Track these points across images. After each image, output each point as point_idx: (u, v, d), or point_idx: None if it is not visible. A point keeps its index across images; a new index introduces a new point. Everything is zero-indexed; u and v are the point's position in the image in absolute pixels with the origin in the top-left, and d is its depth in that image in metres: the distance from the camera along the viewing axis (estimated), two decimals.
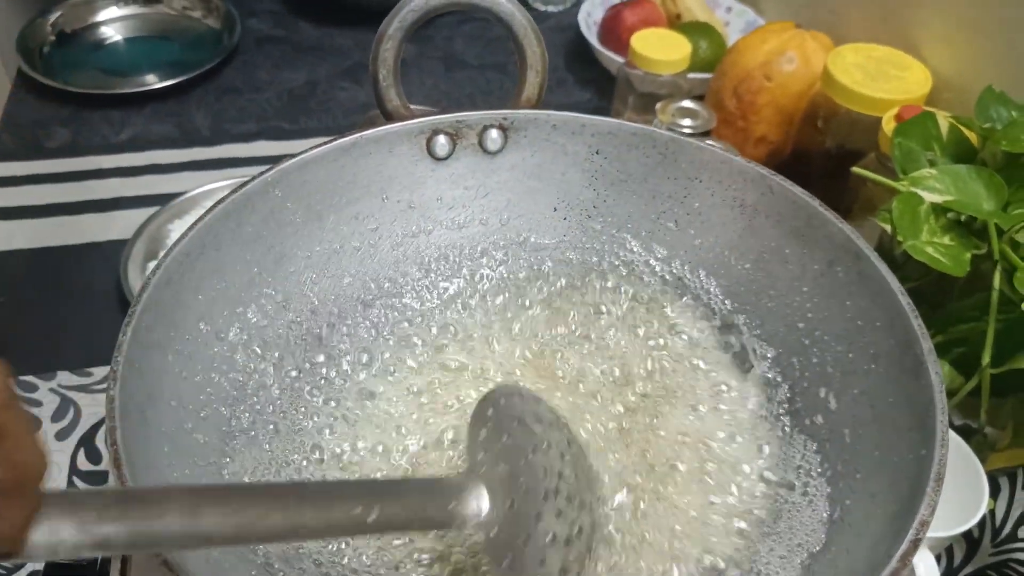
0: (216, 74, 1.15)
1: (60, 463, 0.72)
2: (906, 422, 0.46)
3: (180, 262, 0.51)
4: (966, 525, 0.59)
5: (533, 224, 0.64)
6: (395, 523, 0.41)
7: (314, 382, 0.58)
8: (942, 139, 0.68)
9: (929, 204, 0.62)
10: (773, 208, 0.57)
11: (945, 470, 0.42)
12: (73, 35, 1.21)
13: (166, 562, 0.38)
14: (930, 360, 0.46)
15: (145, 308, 0.48)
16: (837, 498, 0.49)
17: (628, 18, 1.13)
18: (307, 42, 1.24)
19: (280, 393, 0.56)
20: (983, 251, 0.61)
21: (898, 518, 0.42)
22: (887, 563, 0.39)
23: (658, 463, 0.54)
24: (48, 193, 0.96)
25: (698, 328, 0.60)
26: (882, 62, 0.85)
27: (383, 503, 0.39)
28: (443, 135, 0.61)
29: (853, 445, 0.50)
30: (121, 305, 0.83)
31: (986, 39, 0.84)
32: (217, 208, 0.53)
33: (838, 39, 0.95)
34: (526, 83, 0.62)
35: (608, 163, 0.62)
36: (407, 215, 0.62)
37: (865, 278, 0.52)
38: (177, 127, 1.07)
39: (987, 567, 0.65)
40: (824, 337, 0.54)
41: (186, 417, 0.49)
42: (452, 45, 1.25)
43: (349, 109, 1.12)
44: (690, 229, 0.61)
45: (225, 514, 0.36)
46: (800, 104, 0.93)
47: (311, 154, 0.57)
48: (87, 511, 0.33)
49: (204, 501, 0.36)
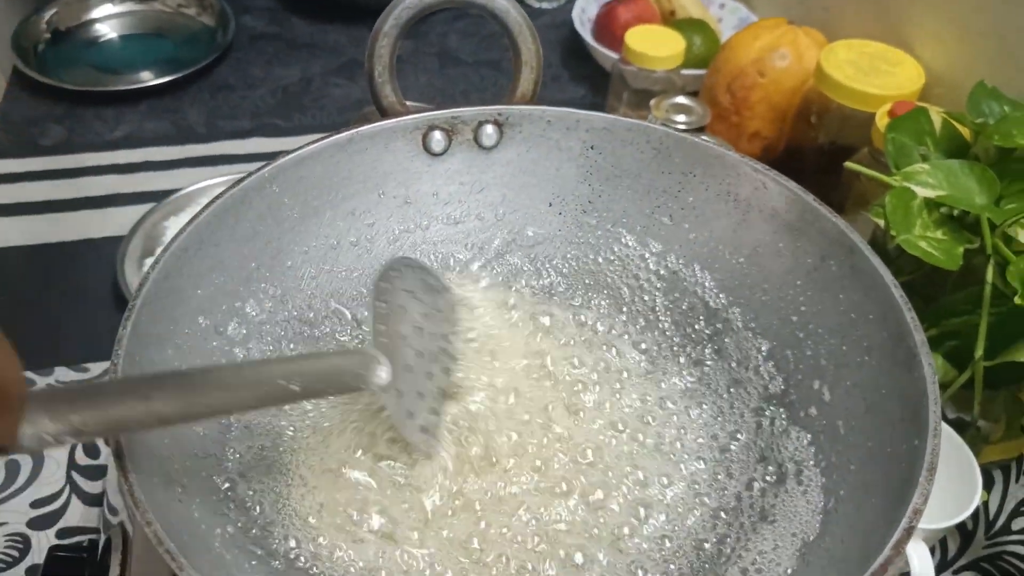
0: (210, 71, 1.16)
1: (59, 459, 0.73)
2: (899, 413, 0.47)
3: (179, 257, 0.51)
4: (960, 517, 0.60)
5: (528, 219, 0.64)
6: (315, 391, 0.49)
7: None
8: (935, 134, 0.69)
9: (922, 199, 0.62)
10: (767, 203, 0.58)
11: (938, 460, 0.42)
12: (68, 32, 1.21)
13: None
14: (923, 352, 0.47)
15: (145, 302, 0.48)
16: (831, 488, 0.50)
17: (622, 15, 1.13)
18: (301, 39, 1.24)
19: None
20: (976, 245, 0.61)
21: (892, 507, 0.42)
22: (881, 551, 0.39)
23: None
24: (44, 190, 0.96)
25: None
26: (875, 58, 0.85)
27: (304, 376, 0.46)
28: (439, 131, 0.61)
29: (847, 436, 0.50)
30: (117, 301, 0.83)
31: (978, 35, 0.85)
32: (215, 204, 0.54)
33: (830, 35, 0.96)
34: (521, 79, 0.62)
35: (603, 158, 0.62)
36: (403, 211, 0.62)
37: (858, 272, 0.52)
38: (172, 124, 1.07)
39: (981, 559, 0.65)
40: (818, 330, 0.55)
41: None
42: (446, 41, 1.25)
43: (343, 106, 1.12)
44: (684, 224, 0.61)
45: (173, 396, 0.42)
46: (793, 100, 0.93)
47: (308, 150, 0.57)
48: (60, 404, 0.39)
49: (154, 387, 0.42)
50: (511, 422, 0.55)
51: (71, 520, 0.70)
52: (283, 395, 0.46)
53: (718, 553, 0.50)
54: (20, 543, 0.68)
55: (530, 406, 0.56)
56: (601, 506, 0.52)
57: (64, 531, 0.69)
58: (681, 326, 0.61)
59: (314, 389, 0.48)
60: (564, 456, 0.54)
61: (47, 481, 0.72)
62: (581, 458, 0.54)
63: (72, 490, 0.71)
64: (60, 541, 0.68)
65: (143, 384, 0.43)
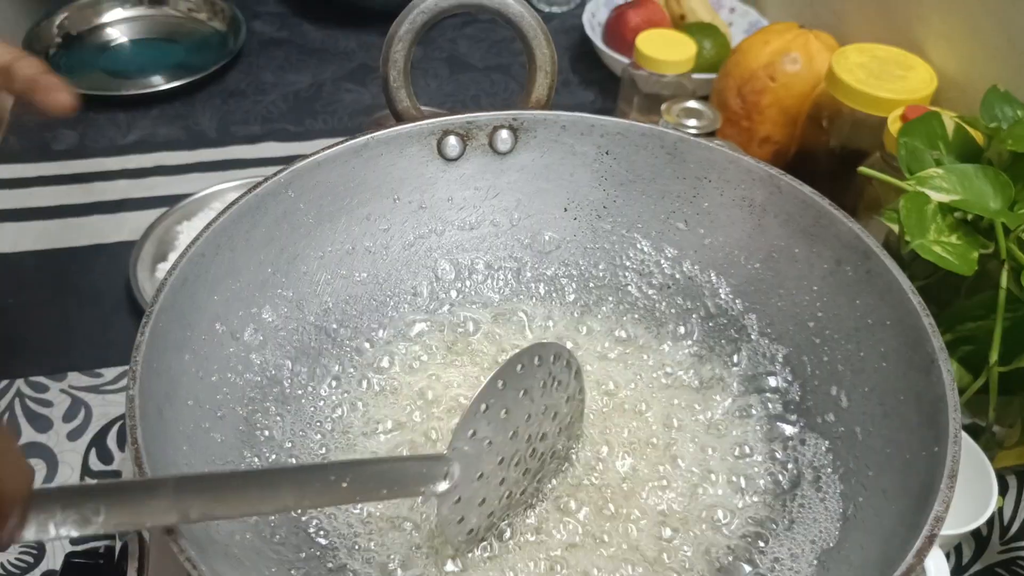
0: (221, 76, 1.16)
1: (72, 463, 0.73)
2: (917, 419, 0.47)
3: (196, 263, 0.51)
4: (976, 523, 0.60)
5: (543, 224, 0.64)
6: (368, 492, 0.46)
7: (328, 381, 0.58)
8: (947, 138, 0.69)
9: (936, 203, 0.62)
10: (782, 207, 0.58)
11: (958, 466, 0.42)
12: (79, 37, 1.21)
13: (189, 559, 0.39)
14: (941, 358, 0.47)
15: (162, 309, 0.48)
16: (850, 495, 0.49)
17: (632, 19, 1.13)
18: (311, 44, 1.24)
19: (295, 392, 0.56)
20: (990, 250, 0.61)
21: (911, 514, 0.42)
22: (903, 558, 0.39)
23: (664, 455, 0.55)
24: (56, 195, 0.96)
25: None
26: (886, 62, 0.85)
27: (358, 476, 0.44)
28: (454, 136, 0.61)
29: (865, 442, 0.50)
30: (130, 306, 0.83)
31: (990, 39, 0.84)
32: (231, 209, 0.54)
33: (841, 39, 0.96)
34: (535, 84, 0.62)
35: (617, 163, 0.62)
36: (418, 216, 0.62)
37: (874, 276, 0.52)
38: (183, 129, 1.07)
39: (996, 565, 0.65)
40: (834, 335, 0.55)
41: (203, 416, 0.49)
42: (456, 47, 1.25)
43: (354, 111, 1.12)
44: (699, 229, 0.61)
45: (208, 500, 0.40)
46: (804, 104, 0.93)
47: (324, 155, 0.58)
48: (73, 509, 0.36)
49: (185, 489, 0.40)
50: None
51: None
52: (336, 494, 0.44)
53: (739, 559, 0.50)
54: (34, 549, 0.68)
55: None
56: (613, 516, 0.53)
57: (78, 537, 0.69)
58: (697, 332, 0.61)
59: (367, 489, 0.45)
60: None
61: None
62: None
63: None
64: (74, 548, 0.68)
65: (217, 478, 0.42)
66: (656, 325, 0.62)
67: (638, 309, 0.63)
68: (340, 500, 0.47)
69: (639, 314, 0.63)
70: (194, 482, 0.41)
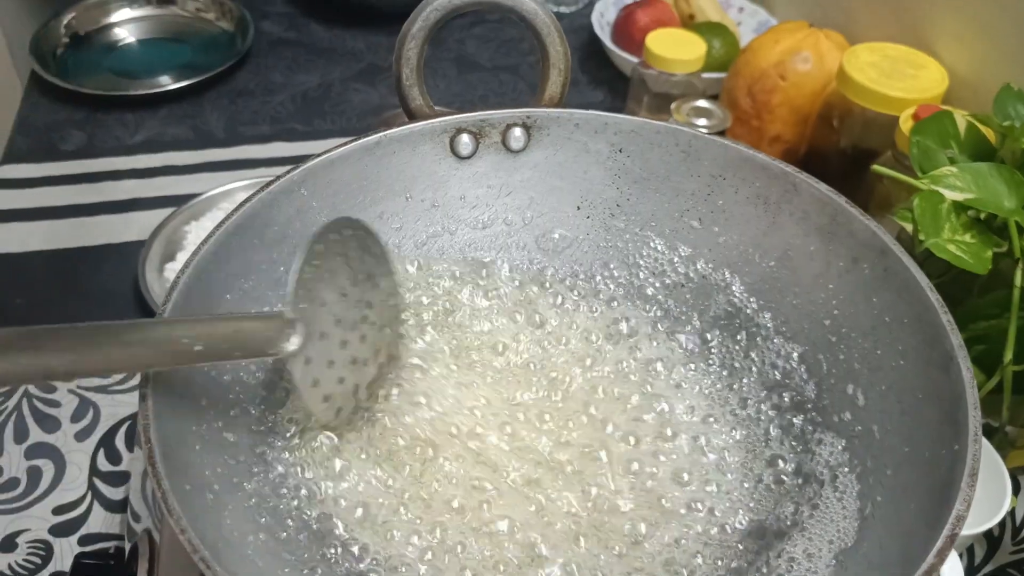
0: (230, 76, 1.16)
1: (80, 464, 0.73)
2: (936, 417, 0.46)
3: (209, 261, 0.51)
4: (989, 523, 0.59)
5: (556, 223, 0.64)
6: (220, 353, 0.47)
7: None
8: (960, 137, 0.68)
9: (950, 202, 0.62)
10: (797, 205, 0.57)
11: (979, 465, 0.42)
12: (86, 37, 1.21)
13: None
14: (960, 356, 0.46)
15: (174, 307, 0.48)
16: (868, 494, 0.49)
17: (641, 18, 1.13)
18: (320, 44, 1.24)
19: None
20: (1004, 248, 0.61)
21: (932, 513, 0.42)
22: (924, 557, 0.39)
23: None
24: (64, 195, 0.96)
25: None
26: (897, 61, 0.85)
27: (210, 337, 0.45)
28: (466, 134, 0.61)
29: (883, 441, 0.50)
30: (139, 306, 0.83)
31: (1001, 37, 0.84)
32: (244, 207, 0.53)
33: (851, 38, 0.96)
34: (548, 82, 0.62)
35: (631, 161, 0.62)
36: (430, 214, 0.62)
37: (891, 274, 0.52)
38: (192, 129, 1.07)
39: (1008, 565, 0.65)
40: (851, 334, 0.54)
41: (216, 416, 0.49)
42: (464, 47, 1.25)
43: (363, 111, 1.12)
44: (714, 227, 0.61)
45: (66, 349, 0.41)
46: (814, 103, 0.93)
47: (336, 153, 0.57)
48: None
49: (46, 338, 0.41)
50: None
51: (93, 527, 0.70)
52: (186, 355, 0.44)
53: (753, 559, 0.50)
54: (43, 550, 0.68)
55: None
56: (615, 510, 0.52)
57: (86, 538, 0.69)
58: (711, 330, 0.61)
59: (219, 351, 0.46)
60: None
61: (69, 487, 0.72)
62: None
63: (94, 496, 0.71)
64: (83, 548, 0.68)
65: (36, 334, 0.41)
66: (669, 323, 0.62)
67: (651, 307, 0.62)
68: (193, 361, 0.47)
69: (652, 312, 0.62)
70: (54, 335, 0.42)
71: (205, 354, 0.45)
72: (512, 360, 0.60)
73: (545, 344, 0.60)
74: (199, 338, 0.45)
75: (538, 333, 0.61)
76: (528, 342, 0.60)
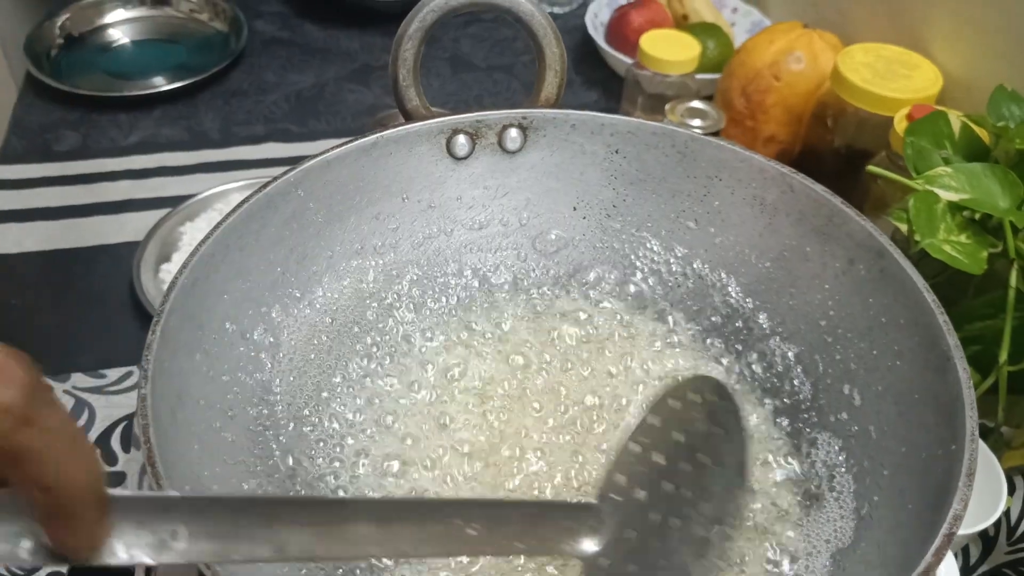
0: (224, 77, 1.15)
1: None
2: (933, 418, 0.47)
3: (206, 263, 0.51)
4: (985, 523, 0.59)
5: (552, 223, 0.64)
6: (497, 545, 0.39)
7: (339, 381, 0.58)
8: (954, 138, 0.68)
9: (945, 202, 0.62)
10: (793, 206, 0.57)
11: (976, 465, 0.42)
12: (80, 38, 1.20)
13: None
14: (957, 356, 0.46)
15: (172, 308, 0.48)
16: (864, 495, 0.49)
17: (635, 19, 1.13)
18: (314, 44, 1.24)
19: (306, 392, 0.56)
20: (999, 249, 0.61)
21: (929, 513, 0.42)
22: (922, 557, 0.39)
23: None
24: (58, 196, 0.96)
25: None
26: (891, 61, 0.85)
27: (490, 519, 0.37)
28: (463, 135, 0.61)
29: (879, 441, 0.50)
30: (134, 307, 0.83)
31: (995, 37, 0.84)
32: (241, 209, 0.53)
33: (845, 39, 0.96)
34: (544, 83, 0.62)
35: (627, 162, 0.62)
36: (427, 215, 0.62)
37: (888, 275, 0.52)
38: (186, 130, 1.07)
39: (1003, 565, 0.65)
40: (847, 334, 0.55)
41: (215, 416, 0.49)
42: (459, 47, 1.25)
43: (357, 111, 1.12)
44: (710, 228, 0.61)
45: (305, 526, 0.32)
46: (808, 104, 0.93)
47: (333, 154, 0.57)
48: (154, 513, 0.30)
49: (280, 509, 0.33)
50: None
51: None
52: (459, 540, 0.36)
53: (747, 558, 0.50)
54: None
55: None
56: None
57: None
58: (707, 331, 0.61)
59: (498, 540, 0.38)
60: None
61: None
62: None
63: None
64: None
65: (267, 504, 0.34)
66: (665, 324, 0.62)
67: (647, 308, 0.62)
68: (464, 551, 0.40)
69: (648, 313, 0.62)
70: (291, 507, 0.34)
71: (481, 541, 0.37)
72: (511, 360, 0.60)
73: (541, 344, 0.61)
74: (476, 519, 0.37)
75: (534, 333, 0.61)
76: (523, 344, 0.60)
